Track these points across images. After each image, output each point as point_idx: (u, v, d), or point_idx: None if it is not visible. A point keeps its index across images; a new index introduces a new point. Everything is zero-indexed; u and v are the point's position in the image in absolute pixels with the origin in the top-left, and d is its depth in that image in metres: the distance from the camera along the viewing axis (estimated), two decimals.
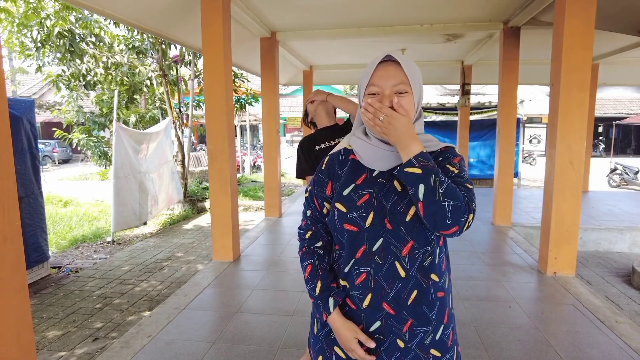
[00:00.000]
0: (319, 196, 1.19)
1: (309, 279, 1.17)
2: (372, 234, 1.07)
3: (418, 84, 1.09)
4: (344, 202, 1.11)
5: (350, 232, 1.09)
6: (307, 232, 1.22)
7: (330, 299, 1.12)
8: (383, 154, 1.09)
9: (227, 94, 4.09)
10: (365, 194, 1.09)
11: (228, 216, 4.21)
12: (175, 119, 8.81)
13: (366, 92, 1.09)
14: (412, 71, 1.07)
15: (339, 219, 1.11)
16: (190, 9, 4.53)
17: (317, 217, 1.20)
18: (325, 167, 1.19)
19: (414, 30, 5.67)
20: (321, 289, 1.14)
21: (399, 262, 1.06)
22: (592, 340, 2.64)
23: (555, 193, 3.72)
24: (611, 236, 5.83)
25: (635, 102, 21.97)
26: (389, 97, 1.05)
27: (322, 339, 1.18)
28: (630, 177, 11.72)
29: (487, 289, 3.51)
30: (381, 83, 1.06)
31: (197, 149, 17.50)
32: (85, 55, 7.78)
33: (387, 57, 1.08)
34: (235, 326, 2.86)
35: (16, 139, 4.11)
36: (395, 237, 1.06)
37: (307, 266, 1.18)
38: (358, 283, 1.10)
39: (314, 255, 1.19)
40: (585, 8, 3.48)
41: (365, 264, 1.09)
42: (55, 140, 18.07)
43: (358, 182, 1.11)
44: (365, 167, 1.13)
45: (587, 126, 3.72)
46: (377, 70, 1.08)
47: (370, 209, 1.08)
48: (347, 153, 1.18)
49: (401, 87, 1.06)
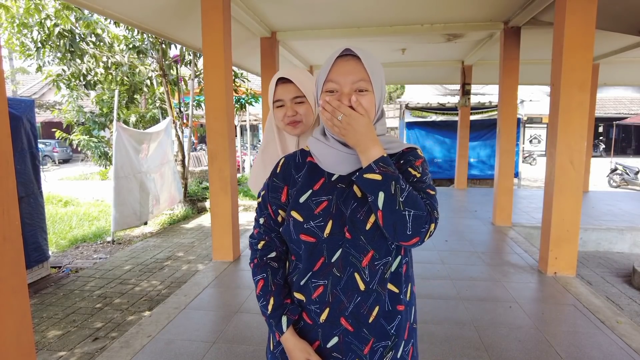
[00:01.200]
0: (273, 203, 1.09)
1: (260, 295, 1.08)
2: (330, 244, 0.99)
3: (380, 81, 1.01)
4: (300, 210, 1.02)
5: (308, 243, 1.01)
6: (260, 241, 1.12)
7: (283, 317, 1.04)
8: (343, 157, 1.01)
9: (227, 94, 4.09)
10: (324, 200, 1.01)
11: (228, 216, 4.21)
12: (175, 118, 8.81)
13: (324, 88, 1.00)
14: (374, 67, 0.99)
15: (295, 229, 1.02)
16: (190, 8, 4.53)
17: (271, 225, 1.10)
18: (280, 170, 1.10)
19: (414, 30, 5.67)
20: (273, 307, 1.05)
21: (359, 273, 0.99)
22: (593, 341, 2.64)
23: (555, 193, 3.72)
24: (611, 236, 5.83)
25: (636, 102, 21.96)
26: (348, 95, 0.97)
27: (277, 356, 1.11)
28: (630, 177, 11.71)
29: (487, 289, 3.51)
30: (340, 79, 0.97)
31: (197, 149, 17.50)
32: (85, 55, 7.77)
33: (347, 51, 0.99)
34: (235, 326, 2.86)
35: (16, 138, 4.10)
36: (355, 247, 0.98)
37: (259, 281, 1.09)
38: (315, 297, 1.02)
39: (266, 268, 1.09)
40: (585, 8, 3.48)
41: (323, 277, 1.01)
42: (55, 140, 18.08)
43: (315, 188, 1.03)
44: (323, 171, 1.05)
45: (587, 126, 3.72)
46: (336, 65, 0.98)
47: (328, 217, 1.00)
48: (305, 155, 1.10)
49: (361, 85, 0.97)
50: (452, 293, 3.41)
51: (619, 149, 22.61)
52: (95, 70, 8.13)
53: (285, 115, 1.34)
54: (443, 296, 3.34)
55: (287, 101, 1.34)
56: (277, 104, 1.36)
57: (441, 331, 2.75)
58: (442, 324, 2.87)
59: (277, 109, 1.37)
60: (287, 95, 1.33)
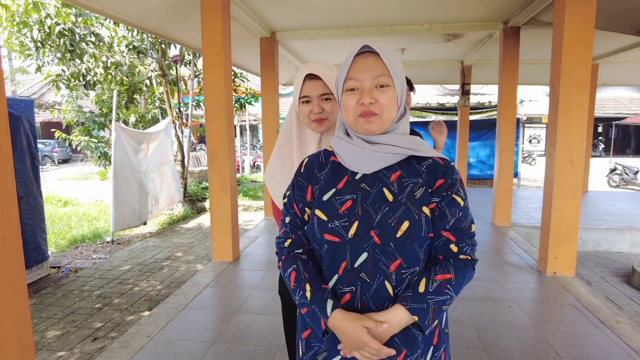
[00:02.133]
0: (299, 201, 1.08)
1: (295, 287, 1.01)
2: (355, 246, 0.96)
3: (400, 76, 1.00)
4: (324, 208, 1.00)
5: (331, 242, 0.98)
6: (286, 240, 1.09)
7: (328, 300, 0.96)
8: (366, 154, 1.00)
9: (227, 94, 4.09)
10: (348, 199, 0.99)
11: (228, 216, 4.21)
12: (175, 118, 8.81)
13: (344, 87, 1.00)
14: (393, 62, 0.98)
15: (319, 228, 1.00)
16: (189, 8, 4.52)
17: (297, 223, 1.08)
18: (304, 169, 1.10)
19: (414, 30, 5.67)
20: (312, 291, 0.98)
21: (389, 281, 0.96)
22: (592, 340, 2.64)
23: (555, 193, 3.72)
24: (611, 236, 5.83)
25: (635, 102, 21.97)
26: (369, 92, 0.96)
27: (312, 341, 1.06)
28: (629, 177, 11.72)
29: (487, 289, 3.51)
30: (359, 76, 0.97)
31: (197, 149, 17.49)
32: (85, 55, 7.77)
33: (365, 49, 0.99)
34: (235, 326, 2.86)
35: (15, 138, 4.10)
36: (384, 252, 0.95)
37: (292, 273, 1.02)
38: (342, 304, 0.98)
39: (296, 260, 1.04)
40: (585, 8, 3.48)
41: (349, 283, 0.97)
42: (54, 140, 18.06)
43: (339, 187, 1.02)
44: (347, 170, 1.03)
45: (586, 126, 3.72)
46: (355, 63, 0.99)
47: (354, 217, 0.97)
48: (328, 155, 1.09)
49: (382, 80, 0.96)
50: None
51: (618, 148, 22.62)
52: (95, 70, 8.12)
53: (312, 111, 1.32)
54: None
55: (314, 98, 1.32)
56: (304, 99, 1.34)
57: None
58: None
59: (303, 104, 1.34)
60: (315, 91, 1.31)
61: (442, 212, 0.98)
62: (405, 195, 0.98)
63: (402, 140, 1.01)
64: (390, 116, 0.99)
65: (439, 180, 0.99)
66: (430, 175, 1.00)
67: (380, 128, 0.99)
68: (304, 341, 1.07)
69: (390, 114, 0.99)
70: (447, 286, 0.94)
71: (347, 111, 1.00)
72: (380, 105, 0.97)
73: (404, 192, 0.98)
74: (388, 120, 0.99)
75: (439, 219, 0.98)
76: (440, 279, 0.95)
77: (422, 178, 1.00)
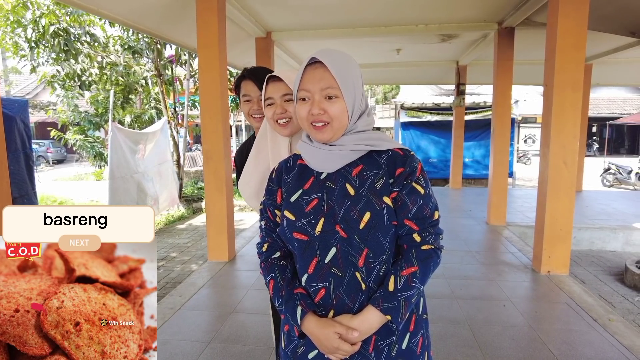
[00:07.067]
0: (270, 205, 1.13)
1: (274, 295, 1.07)
2: (323, 242, 1.00)
3: (351, 84, 1.02)
4: (291, 209, 1.05)
5: (300, 240, 1.03)
6: (264, 244, 1.15)
7: (297, 308, 1.01)
8: (328, 155, 1.04)
9: (223, 94, 4.09)
10: (314, 198, 1.04)
11: (223, 216, 4.21)
12: (170, 119, 8.79)
13: (298, 97, 1.04)
14: (342, 72, 1.00)
15: (288, 228, 1.04)
16: (185, 8, 4.52)
17: (272, 226, 1.13)
18: (275, 174, 1.15)
19: (409, 30, 5.70)
20: (285, 299, 1.04)
21: (359, 273, 0.99)
22: (585, 338, 2.67)
23: (549, 192, 3.75)
24: (604, 235, 5.87)
25: (629, 102, 22.14)
26: (319, 103, 1.00)
27: (289, 354, 1.10)
28: (623, 177, 11.81)
29: (481, 288, 3.53)
30: (309, 87, 1.01)
31: (193, 149, 17.45)
32: (80, 55, 7.73)
33: (313, 60, 1.01)
34: (231, 326, 2.86)
35: (10, 139, 4.08)
36: (351, 245, 0.99)
37: (270, 282, 1.09)
38: (318, 300, 1.02)
39: (273, 268, 1.10)
40: (578, 9, 3.51)
41: (322, 279, 1.01)
42: (49, 140, 17.94)
43: (306, 187, 1.06)
44: (313, 171, 1.08)
45: (580, 126, 3.75)
46: (306, 73, 1.02)
47: (319, 215, 1.01)
48: (296, 158, 1.14)
49: (330, 92, 1.00)
50: (447, 292, 3.43)
51: (612, 148, 22.76)
52: (90, 70, 8.08)
53: (275, 112, 1.36)
54: (437, 295, 3.36)
55: (276, 99, 1.35)
56: (268, 102, 1.38)
57: (435, 329, 2.77)
58: (436, 322, 2.89)
59: (268, 107, 1.38)
60: (277, 92, 1.35)
61: (403, 201, 1.01)
62: (366, 187, 1.01)
63: (359, 139, 1.04)
64: (342, 124, 1.03)
65: (398, 170, 1.02)
66: (390, 166, 1.03)
67: (334, 136, 1.03)
68: (286, 334, 1.11)
69: (341, 123, 1.02)
70: (413, 280, 0.98)
71: (301, 120, 1.05)
72: (330, 116, 1.01)
73: (364, 185, 1.02)
74: (340, 128, 1.03)
75: (401, 208, 1.01)
76: (406, 274, 0.99)
77: (382, 169, 1.03)
